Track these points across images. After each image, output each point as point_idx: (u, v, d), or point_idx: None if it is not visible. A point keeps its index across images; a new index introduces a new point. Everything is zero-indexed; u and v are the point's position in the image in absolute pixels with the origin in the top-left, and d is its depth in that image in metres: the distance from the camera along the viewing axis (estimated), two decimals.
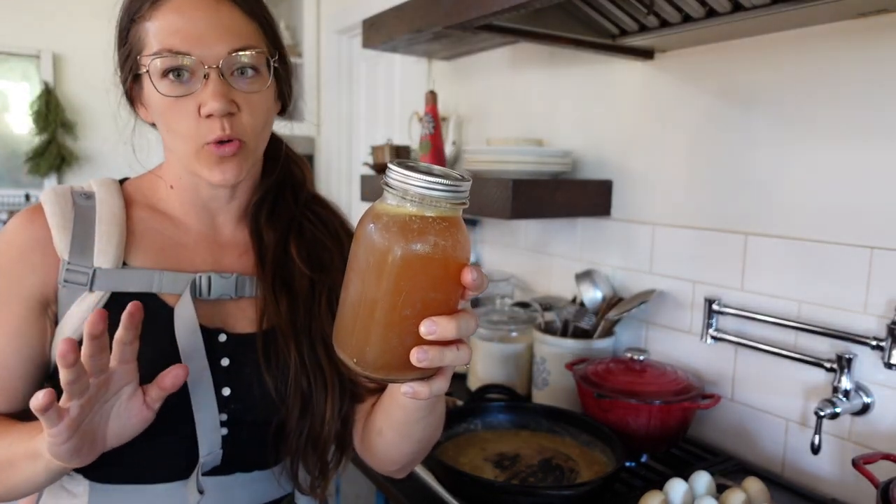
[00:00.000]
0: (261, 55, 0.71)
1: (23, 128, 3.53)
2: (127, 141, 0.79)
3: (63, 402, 0.57)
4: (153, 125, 0.77)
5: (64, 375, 0.55)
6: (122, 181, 0.81)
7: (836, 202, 1.06)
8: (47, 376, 0.75)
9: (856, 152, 1.03)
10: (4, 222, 3.45)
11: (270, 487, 0.80)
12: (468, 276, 0.51)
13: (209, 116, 0.68)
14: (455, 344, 0.52)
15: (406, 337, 0.52)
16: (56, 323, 0.72)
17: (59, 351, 0.54)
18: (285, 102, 0.82)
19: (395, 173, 0.50)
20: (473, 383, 1.53)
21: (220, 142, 0.69)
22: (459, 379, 1.61)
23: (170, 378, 0.64)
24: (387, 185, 0.51)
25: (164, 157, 0.80)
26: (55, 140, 3.49)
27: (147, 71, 0.69)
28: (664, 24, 1.14)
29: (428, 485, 1.07)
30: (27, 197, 3.65)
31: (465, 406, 1.29)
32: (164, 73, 0.68)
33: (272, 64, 0.73)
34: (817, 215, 1.08)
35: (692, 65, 1.27)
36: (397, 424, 0.72)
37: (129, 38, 0.71)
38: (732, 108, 1.20)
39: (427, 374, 0.54)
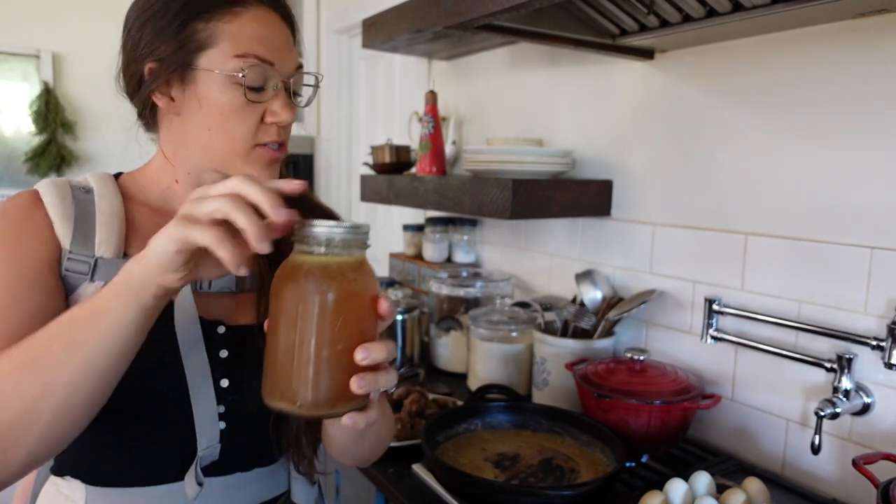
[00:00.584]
0: (314, 79, 0.81)
1: (22, 128, 3.53)
2: (130, 128, 0.80)
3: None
4: (148, 114, 0.78)
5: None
6: (116, 176, 0.81)
7: (837, 202, 1.06)
8: None
9: (856, 152, 1.03)
10: None
11: (267, 487, 0.81)
12: (384, 306, 0.59)
13: (272, 124, 0.74)
14: (384, 368, 0.58)
15: (344, 370, 0.57)
16: None
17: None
18: None
19: (315, 227, 0.57)
20: (473, 383, 1.53)
21: (274, 148, 0.76)
22: (459, 379, 1.62)
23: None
24: (305, 238, 0.57)
25: (173, 150, 0.78)
26: (55, 140, 3.49)
27: (214, 69, 0.71)
28: (664, 23, 1.14)
29: (428, 485, 1.07)
30: None
31: (465, 406, 1.29)
32: (243, 79, 0.71)
33: (312, 86, 0.81)
34: (817, 215, 1.08)
35: (692, 65, 1.27)
36: (346, 442, 0.77)
37: (186, 31, 0.71)
38: (732, 108, 1.20)
39: (363, 403, 0.60)
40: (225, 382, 0.75)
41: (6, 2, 3.43)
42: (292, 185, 0.59)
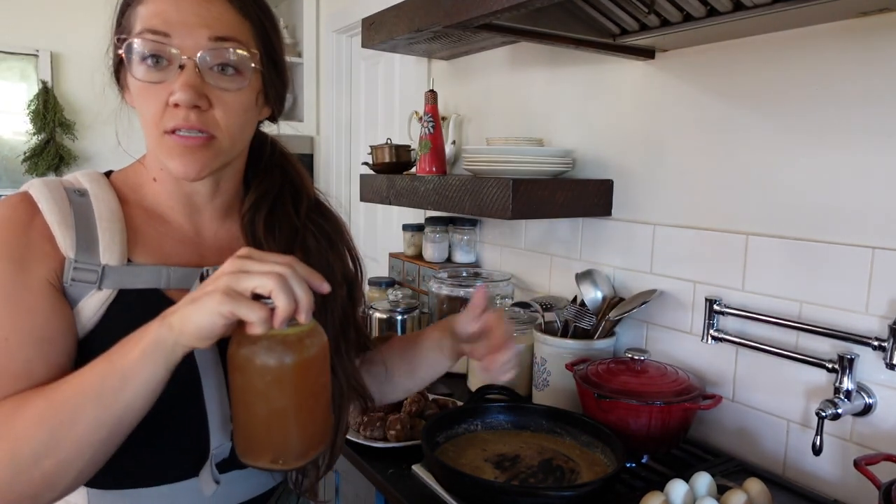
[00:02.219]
0: (243, 54, 0.70)
1: (20, 127, 3.52)
2: (110, 124, 0.80)
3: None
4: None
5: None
6: (107, 174, 0.80)
7: (838, 202, 1.06)
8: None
9: (857, 152, 1.03)
10: None
11: (266, 478, 0.82)
12: None
13: (176, 106, 0.67)
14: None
15: (315, 421, 0.65)
16: None
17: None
18: (274, 108, 0.81)
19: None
20: (473, 384, 1.52)
21: (185, 135, 0.69)
22: (459, 379, 1.61)
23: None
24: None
25: (147, 146, 0.77)
26: (53, 140, 3.48)
27: (127, 53, 0.69)
28: (665, 23, 1.14)
29: (428, 485, 1.07)
30: None
31: (465, 406, 1.28)
32: (143, 57, 0.68)
33: (255, 65, 0.72)
34: (818, 215, 1.08)
35: (693, 64, 1.27)
36: (419, 379, 0.98)
37: (122, 22, 0.71)
38: (733, 108, 1.20)
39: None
40: None
41: (4, 1, 3.43)
42: (322, 286, 0.64)
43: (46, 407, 0.60)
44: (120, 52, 0.70)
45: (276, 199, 0.83)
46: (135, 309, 0.70)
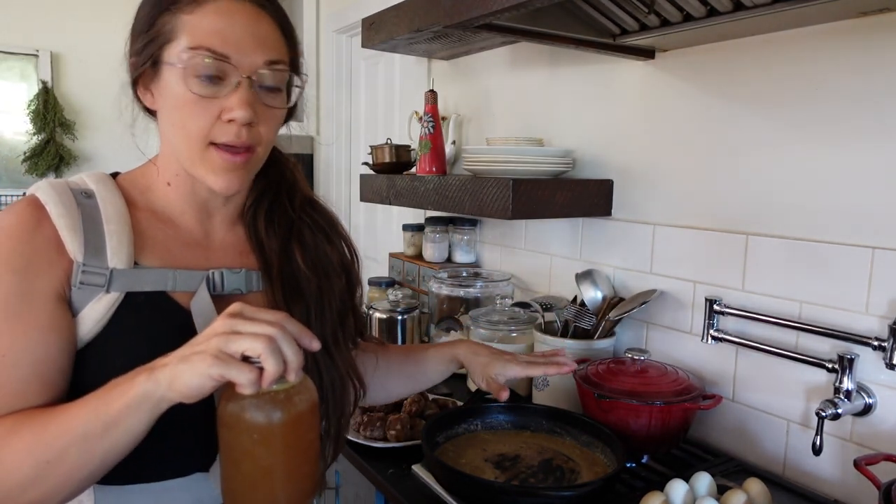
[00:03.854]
0: (287, 76, 0.75)
1: (20, 127, 3.52)
2: (128, 126, 0.80)
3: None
4: (148, 113, 0.77)
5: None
6: (113, 175, 0.80)
7: (838, 202, 1.06)
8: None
9: (857, 152, 1.03)
10: None
11: None
12: None
13: (230, 121, 0.70)
14: None
15: (303, 475, 0.65)
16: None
17: None
18: (290, 114, 0.84)
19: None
20: (473, 384, 1.52)
21: (234, 151, 0.71)
22: (459, 379, 1.61)
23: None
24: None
25: (161, 150, 0.78)
26: (53, 139, 3.48)
27: (174, 62, 0.69)
28: (665, 23, 1.14)
29: (428, 485, 1.07)
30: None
31: (465, 406, 1.28)
32: (198, 74, 0.69)
33: (294, 85, 0.76)
34: (818, 215, 1.08)
35: (693, 64, 1.27)
36: (411, 390, 1.09)
37: (156, 25, 0.71)
38: (733, 108, 1.20)
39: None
40: None
41: (5, 1, 3.43)
42: (312, 343, 0.64)
43: (34, 442, 0.62)
44: (164, 61, 0.70)
45: (274, 195, 0.85)
46: (142, 311, 0.71)
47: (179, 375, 0.59)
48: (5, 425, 0.63)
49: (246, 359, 0.60)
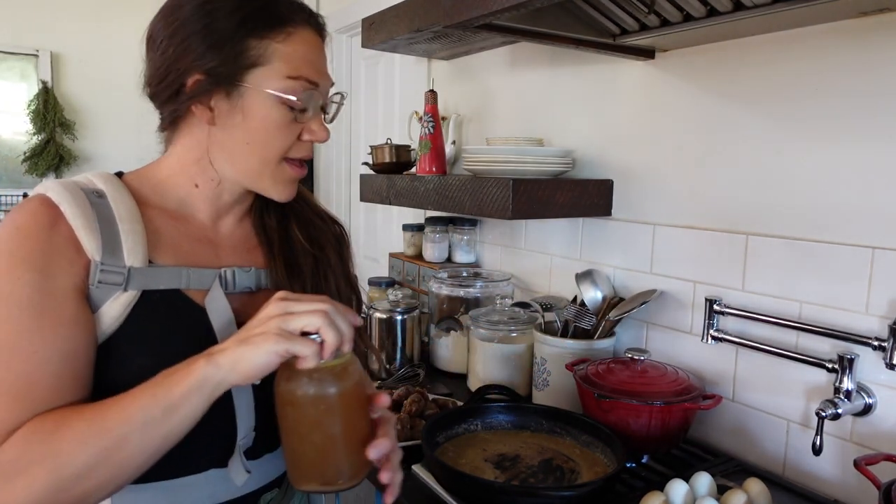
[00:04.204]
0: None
1: (21, 127, 3.52)
2: (129, 127, 0.81)
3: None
4: (171, 121, 0.79)
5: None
6: (118, 175, 0.81)
7: (837, 202, 1.06)
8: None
9: (857, 152, 1.03)
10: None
11: (279, 464, 0.84)
12: (382, 401, 0.74)
13: (307, 141, 0.78)
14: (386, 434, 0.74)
15: (362, 443, 0.71)
16: None
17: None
18: None
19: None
20: (473, 384, 1.52)
21: (302, 164, 0.80)
22: (460, 379, 1.61)
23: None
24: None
25: (197, 157, 0.78)
26: (53, 139, 3.48)
27: (265, 87, 0.73)
28: (665, 23, 1.14)
29: (428, 485, 1.07)
30: (25, 196, 3.64)
31: (465, 406, 1.29)
32: (294, 100, 0.74)
33: (339, 104, 0.84)
34: (818, 215, 1.08)
35: (693, 64, 1.27)
36: None
37: (240, 47, 0.72)
38: (733, 108, 1.20)
39: (373, 464, 0.75)
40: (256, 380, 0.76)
41: (5, 1, 3.43)
42: (356, 320, 0.70)
43: (90, 431, 0.63)
44: (240, 81, 0.73)
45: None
46: (158, 309, 0.73)
47: (243, 357, 0.63)
48: (54, 419, 0.64)
49: (304, 335, 0.65)
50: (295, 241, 0.86)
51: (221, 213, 0.83)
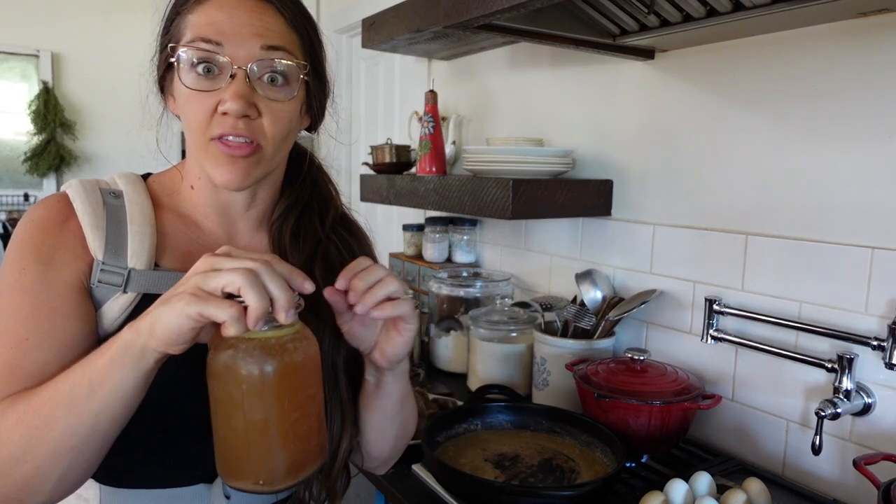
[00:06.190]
0: (292, 65, 0.70)
1: (21, 127, 3.53)
2: (151, 128, 0.78)
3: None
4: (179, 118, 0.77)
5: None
6: (144, 176, 0.80)
7: (837, 202, 1.06)
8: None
9: (857, 152, 1.03)
10: (3, 222, 3.44)
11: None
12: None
13: (224, 114, 0.67)
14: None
15: (300, 438, 0.58)
16: None
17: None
18: (314, 119, 0.82)
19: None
20: (473, 383, 1.52)
21: (232, 144, 0.68)
22: (460, 379, 1.61)
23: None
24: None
25: (187, 153, 0.78)
26: (54, 140, 3.48)
27: (177, 60, 0.68)
28: (665, 23, 1.14)
29: (428, 485, 1.07)
30: (26, 196, 3.64)
31: (465, 406, 1.29)
32: (193, 65, 0.67)
33: (302, 76, 0.72)
34: (818, 215, 1.08)
35: (693, 64, 1.27)
36: (376, 426, 0.81)
37: (170, 29, 0.71)
38: (733, 108, 1.20)
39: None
40: None
41: (5, 1, 3.43)
42: (304, 285, 0.59)
43: (24, 412, 0.61)
44: (172, 59, 0.70)
45: (304, 209, 0.83)
46: None
47: (159, 318, 0.56)
48: (7, 402, 0.62)
49: (229, 297, 0.55)
50: (317, 290, 0.77)
51: (230, 219, 0.79)
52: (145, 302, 0.71)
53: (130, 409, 0.60)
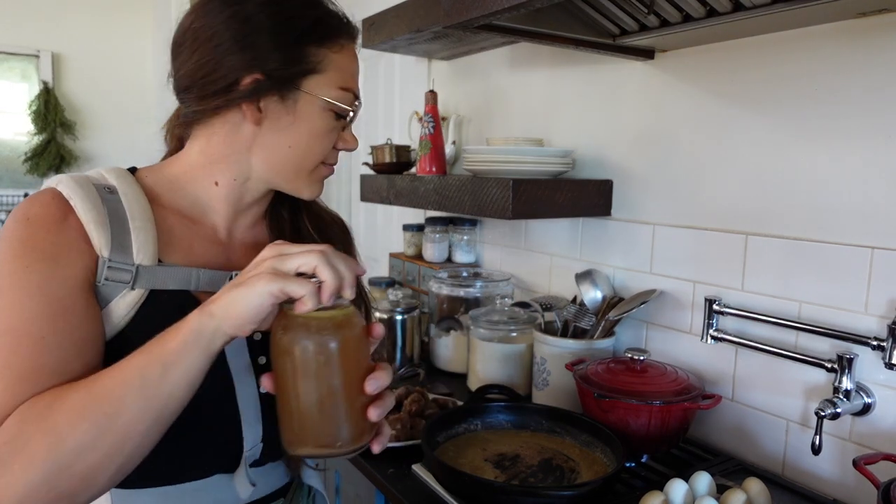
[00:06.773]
0: None
1: (22, 127, 3.53)
2: (113, 124, 0.81)
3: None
4: (196, 115, 0.78)
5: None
6: (131, 170, 0.79)
7: (837, 202, 1.06)
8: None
9: (857, 152, 1.03)
10: (3, 222, 3.45)
11: (282, 474, 0.85)
12: (377, 330, 0.67)
13: (341, 149, 0.82)
14: (388, 392, 0.68)
15: (363, 405, 0.65)
16: None
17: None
18: None
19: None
20: (473, 383, 1.52)
21: (332, 168, 0.83)
22: (460, 379, 1.61)
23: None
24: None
25: (218, 151, 0.77)
26: (54, 140, 3.49)
27: (318, 94, 0.75)
28: (664, 23, 1.14)
29: (428, 485, 1.07)
30: (26, 196, 3.64)
31: (465, 406, 1.29)
32: (340, 115, 0.78)
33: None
34: (818, 215, 1.08)
35: (692, 65, 1.27)
36: None
37: (300, 52, 0.74)
38: (733, 108, 1.20)
39: (375, 428, 0.68)
40: (264, 389, 0.75)
41: (6, 2, 3.43)
42: (359, 268, 0.66)
43: (87, 399, 0.60)
44: (297, 86, 0.74)
45: (291, 205, 0.90)
46: (166, 310, 0.71)
47: (235, 299, 0.60)
48: (48, 396, 0.61)
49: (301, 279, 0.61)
50: (305, 235, 0.87)
51: (238, 215, 0.82)
52: (153, 299, 0.71)
53: (192, 392, 0.63)
